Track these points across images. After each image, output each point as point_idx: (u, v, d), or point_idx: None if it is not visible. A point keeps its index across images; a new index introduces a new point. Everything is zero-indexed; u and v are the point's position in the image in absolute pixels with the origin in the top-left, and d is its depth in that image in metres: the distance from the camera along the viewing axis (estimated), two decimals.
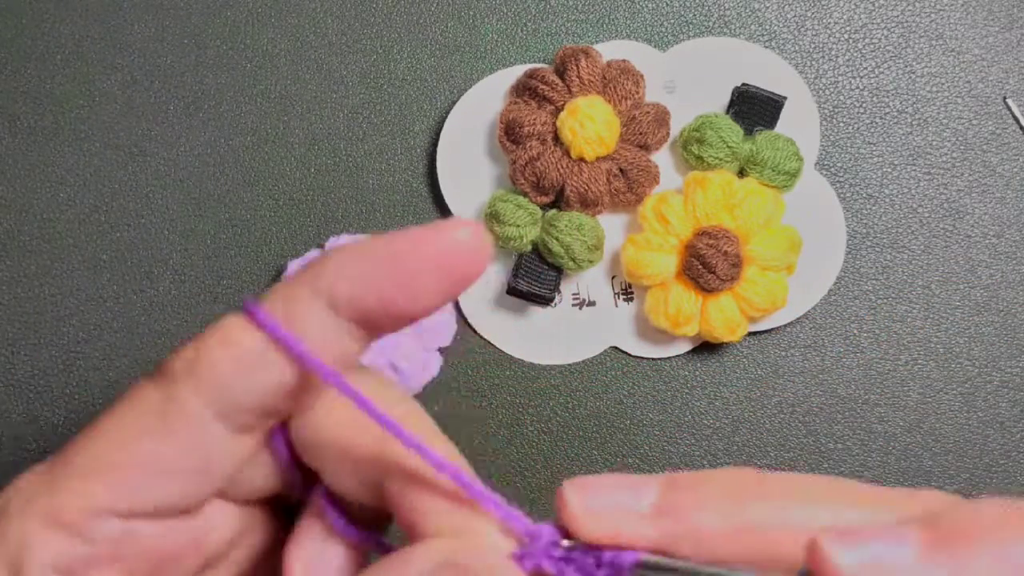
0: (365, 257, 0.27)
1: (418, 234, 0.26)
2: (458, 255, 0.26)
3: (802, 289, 0.47)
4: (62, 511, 0.27)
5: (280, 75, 0.49)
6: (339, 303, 0.27)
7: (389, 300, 0.27)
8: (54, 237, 0.48)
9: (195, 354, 0.27)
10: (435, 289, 0.27)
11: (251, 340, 0.27)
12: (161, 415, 0.27)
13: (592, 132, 0.45)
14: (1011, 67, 0.49)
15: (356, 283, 0.27)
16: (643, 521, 0.25)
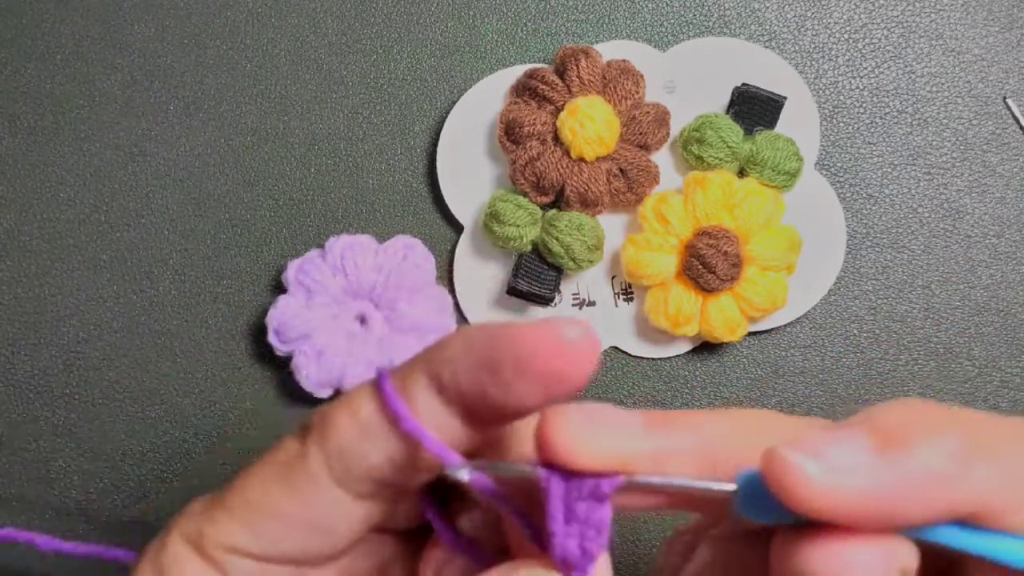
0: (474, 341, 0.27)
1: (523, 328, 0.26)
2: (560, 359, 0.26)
3: (802, 289, 0.47)
4: (206, 542, 0.29)
5: (280, 75, 0.49)
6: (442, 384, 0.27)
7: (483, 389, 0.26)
8: (54, 237, 0.48)
9: (327, 413, 0.28)
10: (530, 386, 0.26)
11: (369, 407, 0.27)
12: (291, 471, 0.28)
13: (592, 132, 0.45)
14: (1011, 67, 0.49)
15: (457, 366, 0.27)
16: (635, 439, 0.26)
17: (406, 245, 0.47)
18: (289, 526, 0.28)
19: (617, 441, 0.26)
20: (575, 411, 0.26)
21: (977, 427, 0.25)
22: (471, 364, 0.26)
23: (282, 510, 0.28)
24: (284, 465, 0.28)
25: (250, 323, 0.48)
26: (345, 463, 0.28)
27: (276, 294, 0.47)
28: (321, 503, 0.28)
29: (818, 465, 0.24)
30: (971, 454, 0.24)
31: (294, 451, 0.28)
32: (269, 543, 0.28)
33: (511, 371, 0.26)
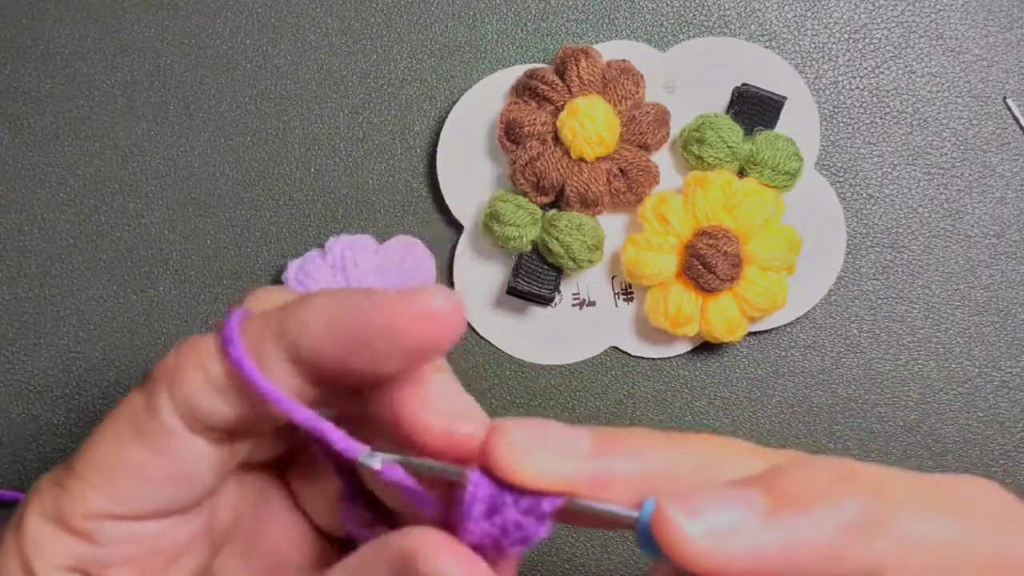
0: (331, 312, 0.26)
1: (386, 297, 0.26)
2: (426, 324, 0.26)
3: (802, 289, 0.47)
4: (68, 515, 0.28)
5: (280, 75, 0.49)
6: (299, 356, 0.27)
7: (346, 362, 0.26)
8: (54, 237, 0.48)
9: (172, 368, 0.28)
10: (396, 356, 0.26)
11: (219, 368, 0.27)
12: (141, 424, 0.28)
13: (592, 132, 0.45)
14: (1011, 67, 0.49)
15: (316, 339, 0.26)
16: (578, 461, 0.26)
17: (406, 245, 0.47)
18: (149, 481, 0.28)
19: (561, 463, 0.26)
20: (522, 429, 0.26)
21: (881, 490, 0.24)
22: (334, 334, 0.26)
23: (139, 466, 0.28)
24: (133, 420, 0.28)
25: None
26: (197, 415, 0.27)
27: None
28: (178, 453, 0.28)
29: (700, 525, 0.24)
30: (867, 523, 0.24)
31: (142, 405, 0.28)
32: (132, 502, 0.28)
33: (380, 342, 0.26)
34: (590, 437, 0.26)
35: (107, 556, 0.28)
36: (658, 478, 0.26)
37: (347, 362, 0.26)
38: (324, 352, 0.26)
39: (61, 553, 0.28)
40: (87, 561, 0.28)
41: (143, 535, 0.28)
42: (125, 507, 0.28)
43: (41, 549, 0.28)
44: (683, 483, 0.25)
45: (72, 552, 0.28)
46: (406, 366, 0.27)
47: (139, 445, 0.28)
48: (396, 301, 0.26)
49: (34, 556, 0.28)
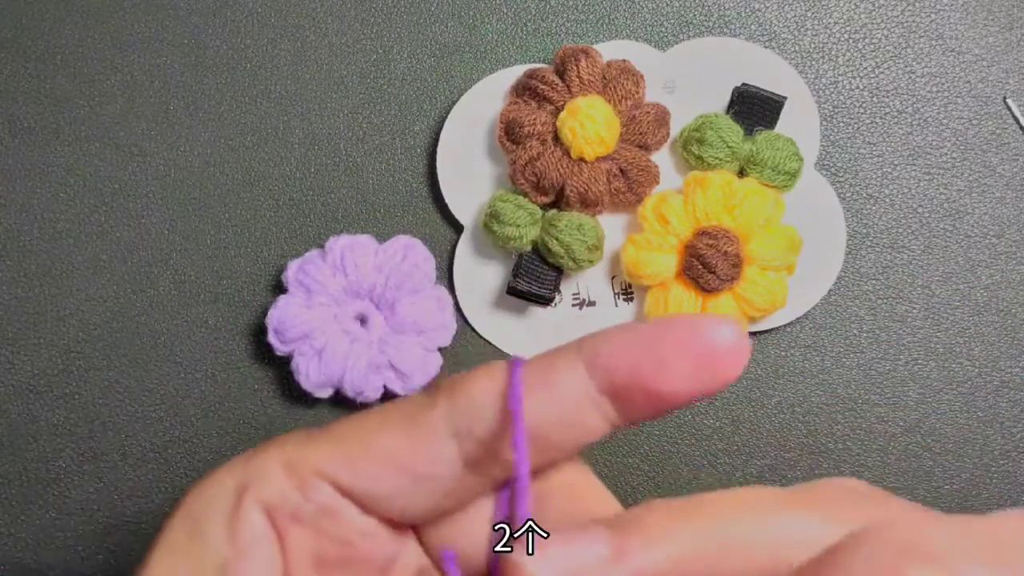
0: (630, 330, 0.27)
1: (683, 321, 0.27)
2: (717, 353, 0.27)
3: (802, 289, 0.47)
4: (300, 461, 0.29)
5: (280, 75, 0.49)
6: (596, 361, 0.27)
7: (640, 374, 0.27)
8: (54, 237, 0.48)
9: (465, 373, 0.29)
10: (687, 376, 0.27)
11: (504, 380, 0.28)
12: (413, 415, 0.28)
13: (592, 132, 0.45)
14: (1011, 67, 0.49)
15: (614, 350, 0.27)
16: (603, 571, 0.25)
17: (406, 245, 0.47)
18: (392, 467, 0.28)
19: None
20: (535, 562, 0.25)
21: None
22: (630, 341, 0.27)
23: (392, 450, 0.28)
24: (407, 411, 0.29)
25: (250, 323, 0.48)
26: (469, 419, 0.28)
27: (276, 294, 0.47)
28: (432, 452, 0.28)
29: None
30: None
31: (420, 401, 0.29)
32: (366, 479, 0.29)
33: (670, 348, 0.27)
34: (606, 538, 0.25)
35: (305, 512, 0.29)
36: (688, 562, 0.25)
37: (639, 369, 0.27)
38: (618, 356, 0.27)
39: (273, 488, 0.29)
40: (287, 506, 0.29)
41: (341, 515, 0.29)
42: (353, 479, 0.29)
43: (261, 479, 0.29)
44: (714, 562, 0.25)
45: (282, 491, 0.29)
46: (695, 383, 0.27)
47: (400, 430, 0.28)
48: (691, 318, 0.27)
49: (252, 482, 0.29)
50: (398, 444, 0.28)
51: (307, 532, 0.29)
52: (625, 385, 0.27)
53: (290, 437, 0.30)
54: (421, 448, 0.28)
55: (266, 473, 0.29)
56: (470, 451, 0.28)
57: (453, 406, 0.28)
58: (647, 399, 0.27)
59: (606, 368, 0.27)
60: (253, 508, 0.29)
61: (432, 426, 0.28)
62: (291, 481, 0.29)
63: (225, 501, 0.29)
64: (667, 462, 0.48)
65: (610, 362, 0.27)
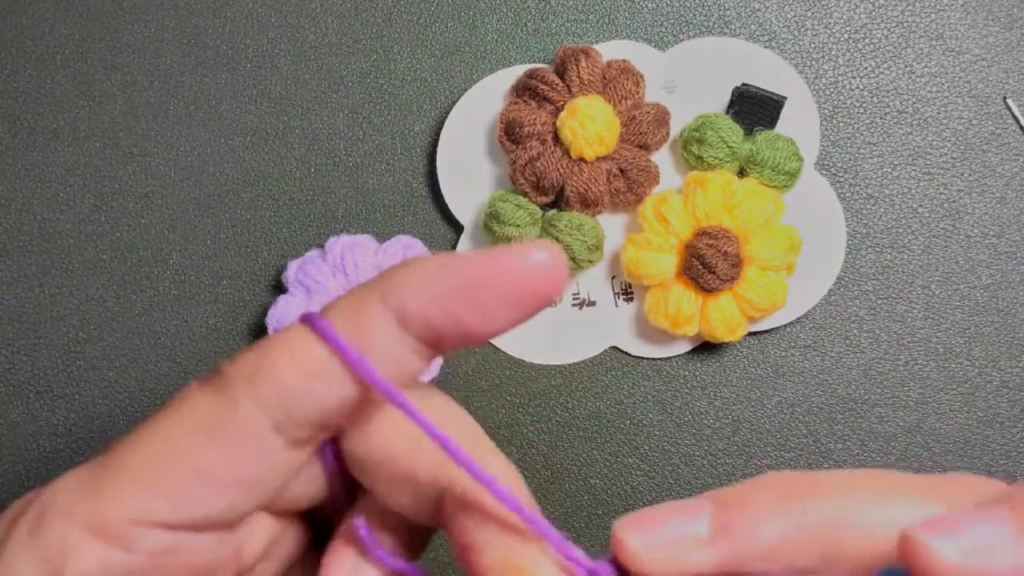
0: (438, 274, 0.26)
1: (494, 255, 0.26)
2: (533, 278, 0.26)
3: (802, 289, 0.47)
4: (108, 519, 0.26)
5: (280, 75, 0.49)
6: (408, 319, 0.26)
7: (460, 319, 0.26)
8: (54, 237, 0.48)
9: (256, 362, 0.26)
10: (507, 311, 0.26)
11: (315, 352, 0.26)
12: (216, 423, 0.26)
13: (592, 132, 0.45)
14: (1011, 67, 0.49)
15: (427, 300, 0.26)
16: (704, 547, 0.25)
17: (406, 245, 0.47)
18: (216, 483, 0.26)
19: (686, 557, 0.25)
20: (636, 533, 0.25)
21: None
22: (444, 292, 0.26)
23: (208, 466, 0.26)
24: (203, 420, 0.26)
25: (250, 323, 0.48)
26: (288, 409, 0.26)
27: (276, 294, 0.47)
28: (255, 454, 0.26)
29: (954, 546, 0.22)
30: None
31: (215, 402, 0.26)
32: (190, 506, 0.26)
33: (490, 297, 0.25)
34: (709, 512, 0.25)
35: (138, 566, 0.26)
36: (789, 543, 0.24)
37: (457, 319, 0.26)
38: (433, 310, 0.26)
39: (90, 561, 0.26)
40: (115, 570, 0.26)
41: (180, 547, 0.27)
42: (178, 512, 0.26)
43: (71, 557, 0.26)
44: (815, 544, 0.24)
45: (102, 560, 0.26)
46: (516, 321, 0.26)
47: (208, 445, 0.26)
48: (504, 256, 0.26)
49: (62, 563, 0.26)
50: (210, 457, 0.26)
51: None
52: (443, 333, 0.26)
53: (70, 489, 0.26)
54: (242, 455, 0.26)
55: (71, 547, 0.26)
56: (296, 434, 0.26)
57: (261, 398, 0.26)
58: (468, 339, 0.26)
59: (420, 321, 0.26)
60: None
61: (244, 427, 0.26)
62: (105, 543, 0.26)
63: None
64: (667, 462, 0.48)
65: (423, 314, 0.26)
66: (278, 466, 0.27)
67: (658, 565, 0.25)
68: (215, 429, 0.26)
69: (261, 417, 0.26)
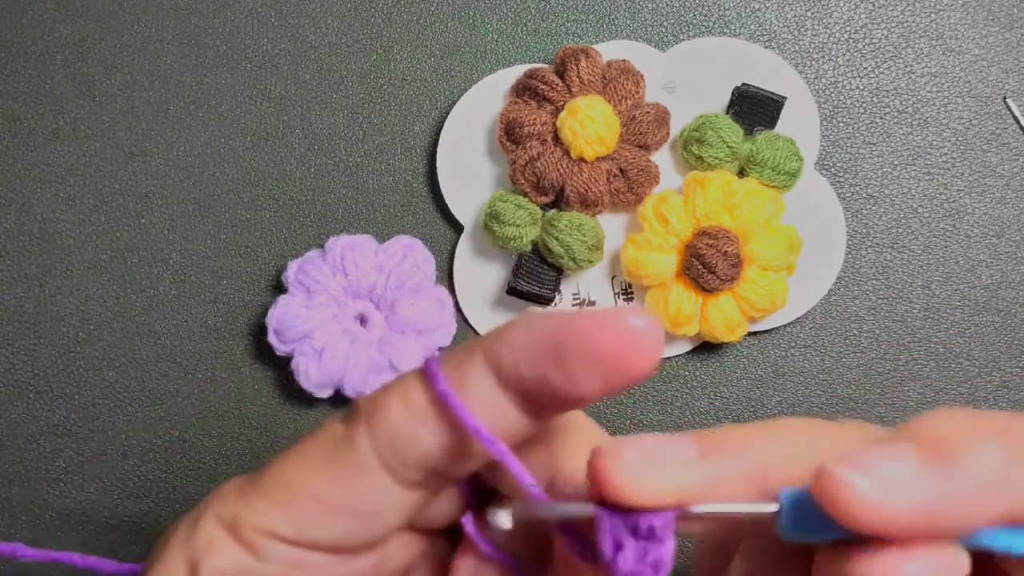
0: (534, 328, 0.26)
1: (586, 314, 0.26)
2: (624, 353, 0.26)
3: (802, 289, 0.47)
4: (241, 524, 0.28)
5: (280, 75, 0.49)
6: (504, 374, 0.27)
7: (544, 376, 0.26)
8: (54, 237, 0.48)
9: (375, 400, 0.28)
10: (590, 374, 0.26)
11: (422, 396, 0.27)
12: (336, 454, 0.28)
13: (592, 132, 0.45)
14: (1011, 67, 0.49)
15: (520, 356, 0.26)
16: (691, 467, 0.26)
17: (406, 245, 0.47)
18: (331, 511, 0.28)
19: (672, 475, 0.25)
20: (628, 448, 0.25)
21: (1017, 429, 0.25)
22: (534, 350, 0.26)
23: (325, 494, 0.28)
24: (330, 448, 0.28)
25: (250, 323, 0.48)
26: (395, 449, 0.27)
27: (276, 294, 0.47)
28: (367, 489, 0.28)
29: (869, 480, 0.24)
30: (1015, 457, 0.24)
31: (340, 435, 0.28)
32: (308, 528, 0.28)
33: (575, 358, 0.26)
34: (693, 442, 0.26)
35: (268, 573, 0.28)
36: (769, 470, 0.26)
37: (547, 379, 0.26)
38: (524, 367, 0.26)
39: (226, 559, 0.28)
40: (248, 572, 0.28)
41: (307, 563, 0.28)
42: (297, 531, 0.28)
43: (211, 552, 0.28)
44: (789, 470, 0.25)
45: (236, 560, 0.28)
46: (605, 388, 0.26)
47: (327, 472, 0.28)
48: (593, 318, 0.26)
49: (202, 556, 0.28)
50: (328, 486, 0.28)
51: None
52: (534, 393, 0.27)
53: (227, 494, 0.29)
54: (353, 487, 0.28)
55: (212, 543, 0.28)
56: (405, 475, 0.28)
57: (372, 434, 0.27)
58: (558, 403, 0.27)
59: (514, 377, 0.27)
60: None
61: (357, 461, 0.28)
62: (240, 547, 0.28)
63: None
64: None
65: (516, 371, 0.26)
66: (391, 504, 0.28)
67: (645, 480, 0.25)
68: (334, 460, 0.28)
69: (373, 455, 0.28)
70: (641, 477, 0.25)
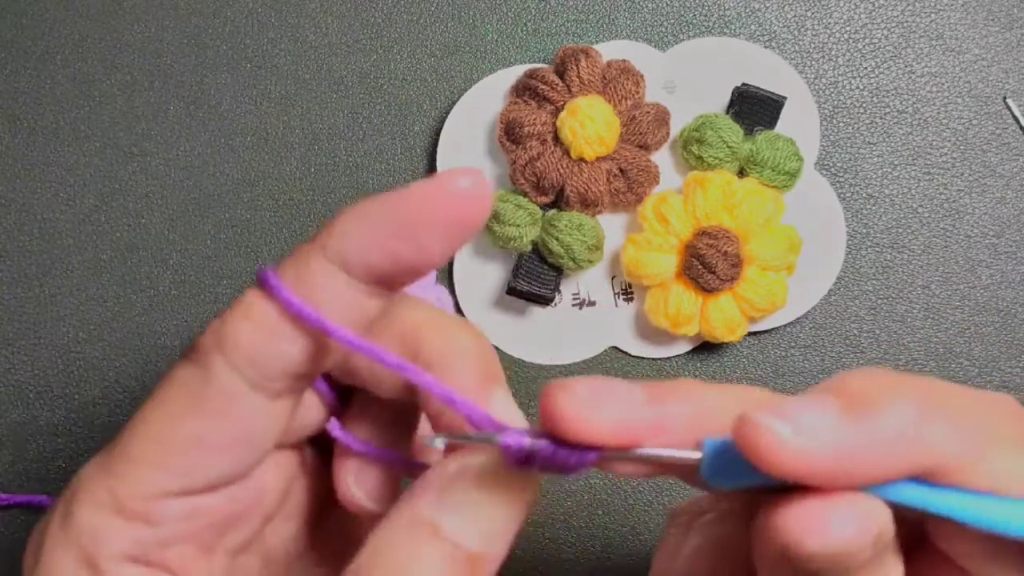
0: (369, 215, 0.27)
1: (418, 186, 0.27)
2: (458, 203, 0.27)
3: (802, 289, 0.47)
4: (126, 501, 0.28)
5: (280, 75, 0.49)
6: (349, 263, 0.27)
7: (396, 254, 0.27)
8: (54, 237, 0.48)
9: (220, 328, 0.28)
10: (438, 238, 0.27)
11: (268, 310, 0.28)
12: (199, 394, 0.28)
13: (592, 132, 0.45)
14: (1011, 67, 0.49)
15: (362, 241, 0.27)
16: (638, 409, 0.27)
17: None
18: (214, 448, 0.28)
19: (620, 413, 0.26)
20: (582, 386, 0.26)
21: (935, 390, 0.26)
22: (379, 234, 0.27)
23: (202, 435, 0.28)
24: (190, 390, 0.28)
25: None
26: (257, 367, 0.28)
27: None
28: (241, 414, 0.28)
29: (788, 427, 0.25)
30: (929, 414, 0.26)
31: (195, 375, 0.28)
32: (195, 473, 0.28)
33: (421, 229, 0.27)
34: (643, 388, 0.27)
35: (166, 536, 0.28)
36: (710, 420, 0.27)
37: (399, 256, 0.27)
38: (372, 251, 0.27)
39: (121, 541, 0.28)
40: (147, 545, 0.28)
41: (201, 508, 0.29)
42: (186, 481, 0.28)
43: (102, 540, 0.27)
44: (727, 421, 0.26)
45: (131, 538, 0.28)
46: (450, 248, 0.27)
47: (197, 415, 0.28)
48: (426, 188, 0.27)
49: (96, 549, 0.27)
50: (202, 426, 0.28)
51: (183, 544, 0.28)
52: (387, 272, 0.28)
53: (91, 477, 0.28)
54: (228, 418, 0.28)
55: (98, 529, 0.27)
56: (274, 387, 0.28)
57: (232, 363, 0.28)
58: (412, 273, 0.28)
59: (363, 266, 0.27)
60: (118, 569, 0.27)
61: (224, 391, 0.28)
62: (128, 522, 0.28)
63: None
64: None
65: (365, 259, 0.27)
66: (265, 421, 0.28)
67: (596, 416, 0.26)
68: (199, 399, 0.28)
69: (237, 380, 0.28)
70: (590, 413, 0.26)
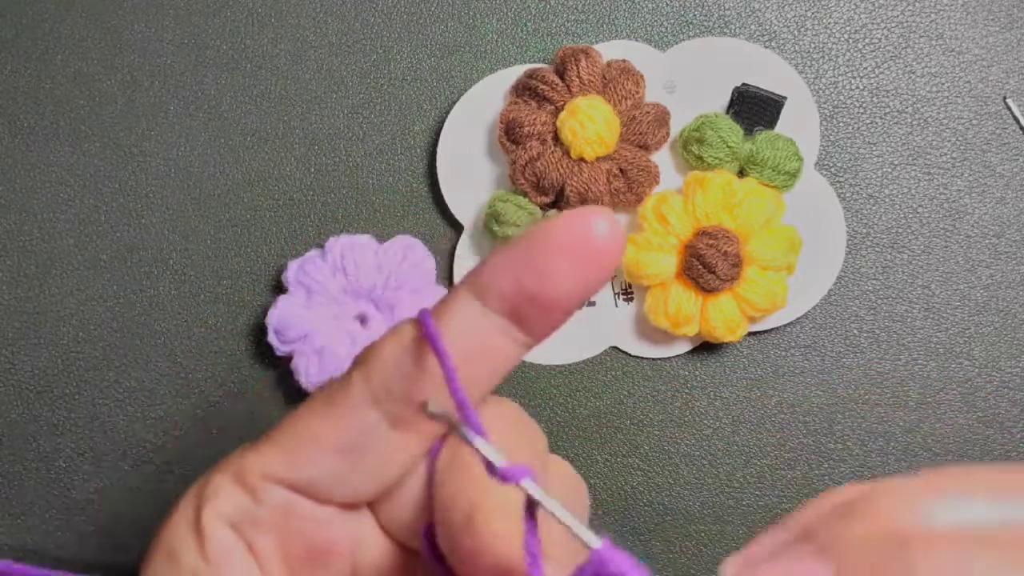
0: (510, 244, 0.28)
1: (552, 223, 0.28)
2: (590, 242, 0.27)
3: (802, 289, 0.47)
4: (247, 471, 0.30)
5: (280, 75, 0.49)
6: (482, 288, 0.28)
7: (520, 281, 0.28)
8: (54, 237, 0.48)
9: (373, 345, 0.30)
10: (569, 275, 0.28)
11: (411, 332, 0.29)
12: (331, 396, 0.30)
13: (592, 132, 0.45)
14: (1011, 67, 0.49)
15: (495, 267, 0.28)
16: None
17: (406, 245, 0.47)
18: (323, 448, 0.29)
19: None
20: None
21: None
22: (508, 261, 0.28)
23: (320, 434, 0.29)
24: (327, 394, 0.30)
25: (250, 323, 0.48)
26: (384, 381, 0.29)
27: (276, 294, 0.47)
28: (355, 424, 0.29)
29: None
30: None
31: (337, 381, 0.30)
32: (300, 466, 0.30)
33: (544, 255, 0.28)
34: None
35: (262, 516, 0.30)
36: None
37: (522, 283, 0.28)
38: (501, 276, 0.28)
39: (228, 502, 0.30)
40: (245, 515, 0.30)
41: (296, 509, 0.30)
42: (292, 471, 0.30)
43: (214, 497, 0.30)
44: None
45: (236, 503, 0.30)
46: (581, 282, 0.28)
47: (323, 413, 0.30)
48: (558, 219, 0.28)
49: (207, 500, 0.30)
50: (322, 427, 0.30)
51: (271, 535, 0.30)
52: (515, 301, 0.28)
53: (241, 450, 0.31)
54: (343, 424, 0.29)
55: (218, 490, 0.30)
56: (392, 411, 0.29)
57: (366, 375, 0.29)
58: (540, 309, 0.28)
59: (493, 292, 0.28)
60: (215, 524, 0.30)
61: (349, 400, 0.29)
62: (242, 491, 0.30)
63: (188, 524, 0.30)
64: (667, 462, 0.48)
65: (494, 285, 0.28)
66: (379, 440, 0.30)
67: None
68: (329, 401, 0.30)
69: (363, 391, 0.29)
70: None
